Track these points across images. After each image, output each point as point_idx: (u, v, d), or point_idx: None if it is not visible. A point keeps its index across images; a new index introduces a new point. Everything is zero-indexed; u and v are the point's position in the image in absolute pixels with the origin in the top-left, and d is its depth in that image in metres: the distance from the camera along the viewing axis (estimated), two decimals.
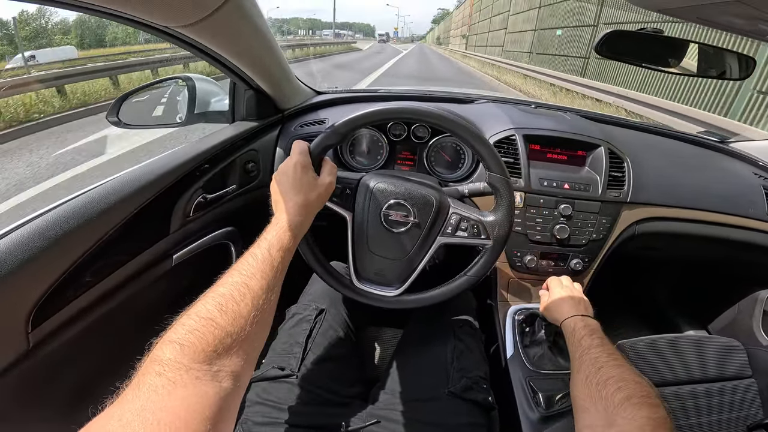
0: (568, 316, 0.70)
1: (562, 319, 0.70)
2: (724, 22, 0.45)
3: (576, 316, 0.69)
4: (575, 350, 0.61)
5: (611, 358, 0.55)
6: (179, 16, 0.55)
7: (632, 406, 0.45)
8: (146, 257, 0.72)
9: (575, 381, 0.56)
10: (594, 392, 0.50)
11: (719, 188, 1.02)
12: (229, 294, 0.44)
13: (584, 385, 0.52)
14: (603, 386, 0.50)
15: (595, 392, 0.50)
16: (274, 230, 0.55)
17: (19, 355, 0.53)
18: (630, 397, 0.46)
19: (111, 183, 0.66)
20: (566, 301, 0.74)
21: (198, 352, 0.38)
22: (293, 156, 0.62)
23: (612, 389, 0.48)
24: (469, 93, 1.26)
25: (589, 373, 0.53)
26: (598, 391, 0.50)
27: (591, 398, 0.50)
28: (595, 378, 0.52)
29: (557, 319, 0.73)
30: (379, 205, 0.68)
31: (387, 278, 0.71)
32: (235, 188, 0.91)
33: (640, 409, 0.45)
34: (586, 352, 0.58)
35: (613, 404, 0.46)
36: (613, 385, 0.49)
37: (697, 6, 0.39)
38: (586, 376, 0.53)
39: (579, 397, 0.53)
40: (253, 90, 0.93)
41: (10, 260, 0.50)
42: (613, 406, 0.46)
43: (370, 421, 0.66)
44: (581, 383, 0.53)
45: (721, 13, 0.41)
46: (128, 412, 0.31)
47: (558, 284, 0.80)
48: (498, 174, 0.65)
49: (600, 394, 0.49)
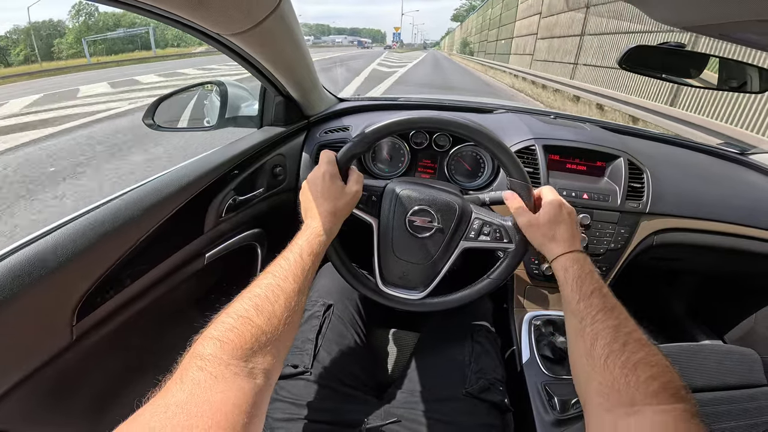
0: (567, 250, 0.59)
1: (559, 254, 0.59)
2: (745, 38, 0.46)
3: (578, 253, 0.59)
4: (582, 310, 0.51)
5: (631, 329, 0.47)
6: (231, 24, 0.59)
7: (669, 397, 0.40)
8: (182, 255, 0.75)
9: (589, 355, 0.47)
10: (618, 376, 0.43)
11: (738, 200, 1.02)
12: (264, 295, 0.47)
13: (604, 366, 0.44)
14: (631, 371, 0.42)
15: (620, 376, 0.42)
16: (305, 236, 0.58)
17: (63, 347, 0.55)
18: (666, 388, 0.40)
19: (154, 183, 0.69)
20: (562, 224, 0.61)
21: (236, 349, 0.40)
22: (321, 165, 0.65)
23: (643, 375, 0.41)
24: (488, 102, 1.28)
25: (610, 351, 0.45)
26: (623, 376, 0.42)
27: (613, 384, 0.43)
28: (619, 359, 0.44)
29: (548, 251, 0.61)
30: (404, 211, 0.71)
31: (412, 282, 0.73)
32: (263, 191, 0.95)
33: (676, 401, 0.40)
34: (601, 317, 0.49)
35: (645, 393, 0.40)
36: (645, 371, 0.42)
37: (719, 24, 0.42)
38: (606, 353, 0.45)
39: (594, 380, 0.45)
40: (282, 96, 0.97)
41: (60, 254, 0.53)
42: (643, 395, 0.40)
43: (389, 419, 0.67)
44: (599, 362, 0.45)
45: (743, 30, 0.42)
46: (173, 404, 0.33)
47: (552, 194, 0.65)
48: (519, 179, 0.67)
49: (627, 380, 0.42)
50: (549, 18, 10.92)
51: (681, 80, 0.80)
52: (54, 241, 0.54)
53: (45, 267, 0.51)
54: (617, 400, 0.42)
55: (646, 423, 0.39)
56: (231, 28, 0.60)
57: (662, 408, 0.39)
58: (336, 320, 0.81)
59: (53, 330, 0.54)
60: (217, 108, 1.02)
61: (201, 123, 1.08)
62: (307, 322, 0.80)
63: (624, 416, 0.40)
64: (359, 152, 0.68)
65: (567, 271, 0.57)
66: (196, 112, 1.13)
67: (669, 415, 0.39)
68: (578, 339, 0.50)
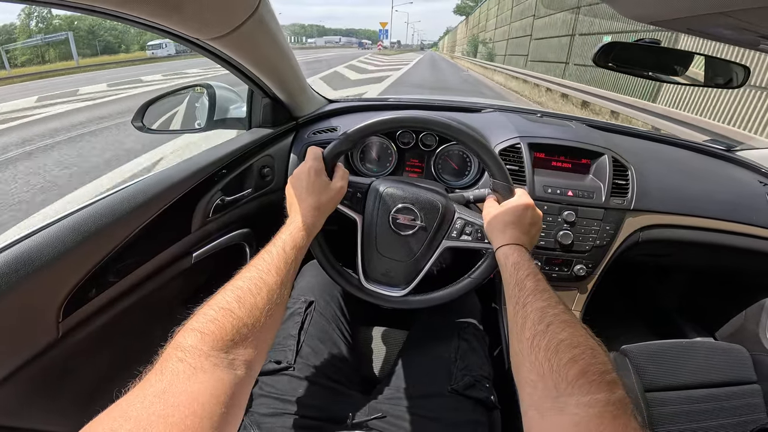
0: (508, 242, 0.61)
1: (502, 243, 0.61)
2: (713, 32, 0.47)
3: (516, 246, 0.60)
4: (516, 294, 0.52)
5: (560, 311, 0.47)
6: (209, 29, 0.60)
7: (588, 384, 0.37)
8: (169, 254, 0.76)
9: (519, 338, 0.47)
10: (542, 360, 0.41)
11: (724, 196, 1.03)
12: (246, 287, 0.47)
13: (530, 348, 0.43)
14: (554, 353, 0.41)
15: (544, 360, 0.41)
16: (288, 229, 0.59)
17: (48, 343, 0.55)
18: (585, 372, 0.38)
19: (141, 183, 0.70)
20: (519, 225, 0.63)
21: (217, 340, 0.40)
22: (307, 161, 0.66)
23: (564, 358, 0.40)
24: (476, 102, 1.29)
25: (536, 332, 0.44)
26: (547, 359, 0.41)
27: (538, 369, 0.41)
28: (543, 340, 0.43)
29: (495, 239, 0.64)
30: (388, 209, 0.72)
31: (394, 279, 0.74)
32: (251, 192, 0.96)
33: (598, 390, 0.37)
34: (531, 300, 0.49)
35: (566, 380, 0.38)
36: (566, 352, 0.41)
37: (686, 18, 0.42)
38: (532, 335, 0.44)
39: (523, 366, 0.44)
40: (269, 98, 0.98)
41: (47, 252, 0.53)
42: (565, 382, 0.38)
43: (374, 414, 0.67)
44: (526, 344, 0.44)
45: (710, 25, 0.43)
46: (150, 395, 0.33)
47: (524, 196, 0.67)
48: (501, 181, 0.68)
49: (550, 363, 0.40)
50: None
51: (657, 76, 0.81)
52: (41, 239, 0.54)
53: (31, 264, 0.51)
54: (542, 389, 0.40)
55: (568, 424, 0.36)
56: (209, 32, 0.61)
57: (584, 401, 0.36)
58: (318, 317, 0.82)
59: (39, 326, 0.55)
60: (206, 110, 1.03)
61: (190, 125, 1.09)
62: (289, 319, 0.80)
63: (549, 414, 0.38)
64: (345, 149, 0.70)
65: (507, 258, 0.59)
66: (185, 114, 1.14)
67: (592, 410, 0.35)
68: (512, 323, 0.50)
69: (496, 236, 0.64)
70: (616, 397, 0.36)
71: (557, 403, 0.38)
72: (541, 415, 0.39)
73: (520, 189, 0.69)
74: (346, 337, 0.84)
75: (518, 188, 0.69)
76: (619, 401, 0.36)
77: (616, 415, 0.35)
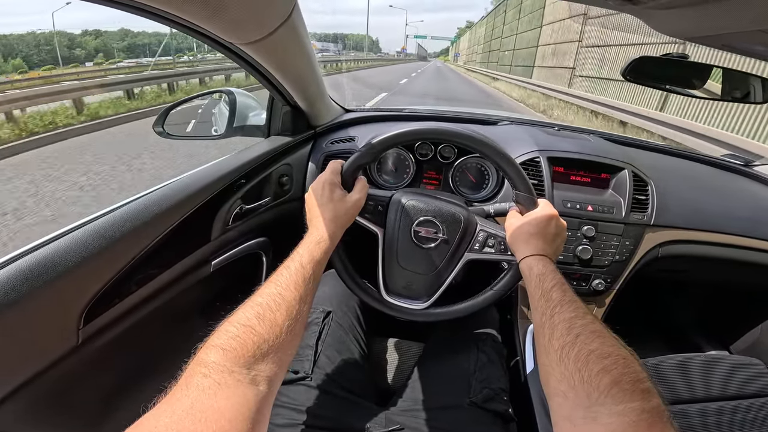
0: (532, 253, 0.60)
1: (526, 255, 0.61)
2: (747, 48, 0.47)
3: (541, 257, 0.60)
4: (543, 305, 0.51)
5: (588, 321, 0.46)
6: (245, 34, 0.60)
7: (621, 393, 0.36)
8: (189, 262, 0.76)
9: (547, 349, 0.46)
10: (573, 371, 0.41)
11: (743, 212, 1.02)
12: (266, 304, 0.48)
13: (559, 359, 0.43)
14: (584, 364, 0.40)
15: (574, 371, 0.40)
16: (305, 244, 0.59)
17: (68, 350, 0.55)
18: (618, 381, 0.37)
19: (164, 189, 0.70)
20: (543, 236, 0.62)
21: (239, 357, 0.41)
22: (325, 174, 0.67)
23: (595, 369, 0.39)
24: (492, 114, 1.29)
25: (564, 343, 0.44)
26: (577, 370, 0.40)
27: (568, 379, 0.40)
28: (572, 351, 0.42)
29: (518, 251, 0.63)
30: (410, 222, 0.71)
31: (415, 292, 0.74)
32: (269, 200, 0.96)
33: (631, 398, 0.36)
34: (558, 310, 0.49)
35: (598, 390, 0.37)
36: (597, 362, 0.40)
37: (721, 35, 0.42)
38: (561, 345, 0.44)
39: (552, 376, 0.43)
40: (290, 106, 0.98)
41: (72, 256, 0.53)
42: (597, 392, 0.37)
43: (390, 426, 0.67)
44: (555, 356, 0.44)
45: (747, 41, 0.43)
46: (179, 409, 0.34)
47: (547, 207, 0.66)
48: (524, 192, 0.68)
49: (581, 374, 0.40)
50: None
51: (685, 91, 0.81)
52: (64, 244, 0.54)
53: (54, 270, 0.51)
54: (574, 399, 0.39)
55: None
56: (244, 37, 0.61)
57: (618, 410, 0.35)
58: (335, 327, 0.82)
59: (59, 333, 0.54)
60: (225, 117, 1.04)
61: (209, 131, 1.09)
62: (307, 329, 0.80)
63: (582, 424, 0.37)
64: (365, 162, 0.69)
65: (531, 270, 0.58)
66: (204, 120, 1.15)
67: (626, 419, 0.35)
68: (539, 335, 0.50)
69: (520, 247, 0.63)
70: (651, 405, 0.36)
71: (590, 413, 0.37)
72: (574, 424, 0.38)
73: (543, 200, 0.68)
74: (363, 348, 0.84)
75: (541, 199, 0.69)
76: (653, 409, 0.35)
77: (652, 423, 0.34)
